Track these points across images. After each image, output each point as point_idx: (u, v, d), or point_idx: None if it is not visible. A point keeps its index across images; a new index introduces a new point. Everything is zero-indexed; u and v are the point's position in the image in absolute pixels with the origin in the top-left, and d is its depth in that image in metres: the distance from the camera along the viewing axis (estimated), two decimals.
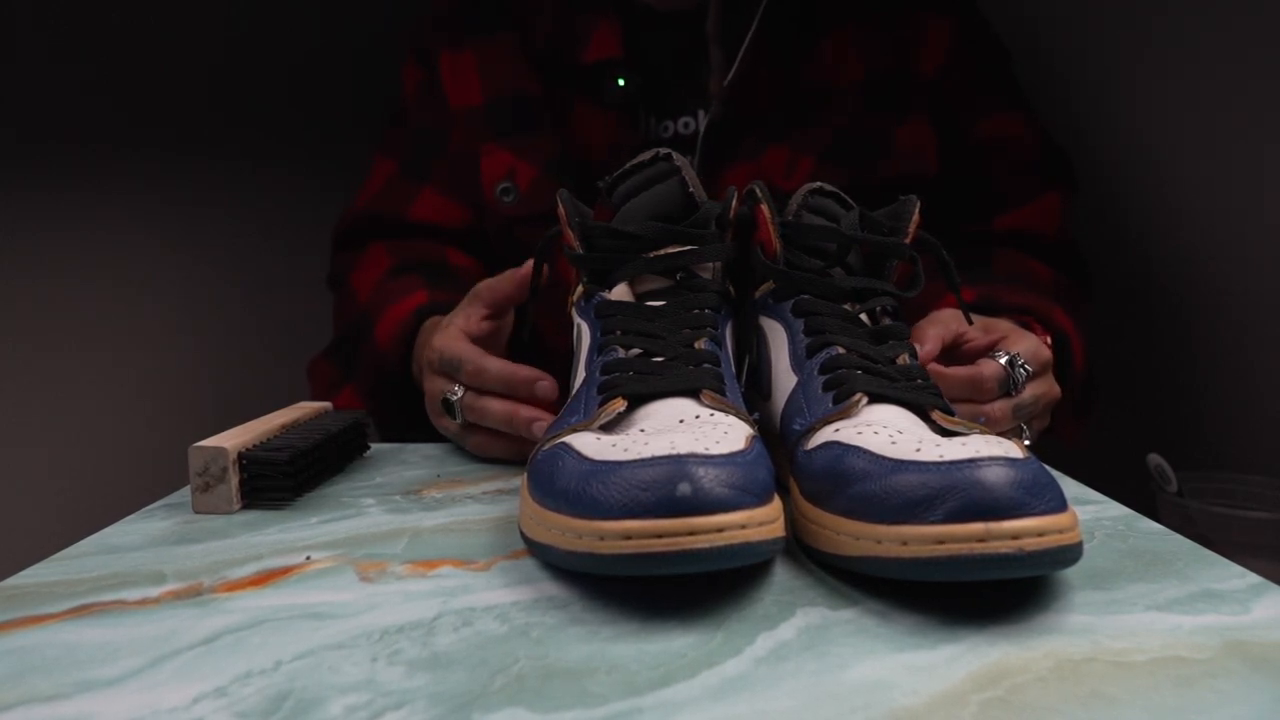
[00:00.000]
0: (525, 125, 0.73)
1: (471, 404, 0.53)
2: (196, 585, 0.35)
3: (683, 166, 0.45)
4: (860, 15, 0.72)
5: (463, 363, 0.53)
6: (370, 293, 0.72)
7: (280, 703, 0.25)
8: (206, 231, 1.16)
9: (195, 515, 0.44)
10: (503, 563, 0.37)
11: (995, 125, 0.75)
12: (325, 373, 0.74)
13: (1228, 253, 0.80)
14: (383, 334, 0.66)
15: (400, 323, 0.65)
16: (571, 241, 0.47)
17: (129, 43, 1.08)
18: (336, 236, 0.82)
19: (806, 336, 0.43)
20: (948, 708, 0.25)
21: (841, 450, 0.34)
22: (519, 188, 0.73)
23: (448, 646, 0.29)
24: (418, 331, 0.65)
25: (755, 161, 0.70)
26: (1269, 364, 0.77)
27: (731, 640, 0.29)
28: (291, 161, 1.19)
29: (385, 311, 0.67)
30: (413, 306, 0.66)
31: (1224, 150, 0.79)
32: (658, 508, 0.29)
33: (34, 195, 1.05)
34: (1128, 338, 0.91)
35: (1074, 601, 0.32)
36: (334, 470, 0.52)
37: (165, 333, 1.15)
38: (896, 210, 0.46)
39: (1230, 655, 0.28)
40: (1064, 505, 0.31)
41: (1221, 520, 0.67)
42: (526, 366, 0.52)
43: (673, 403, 0.38)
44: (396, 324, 0.66)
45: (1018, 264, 0.71)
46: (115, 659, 0.28)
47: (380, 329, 0.67)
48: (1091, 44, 0.92)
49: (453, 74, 0.76)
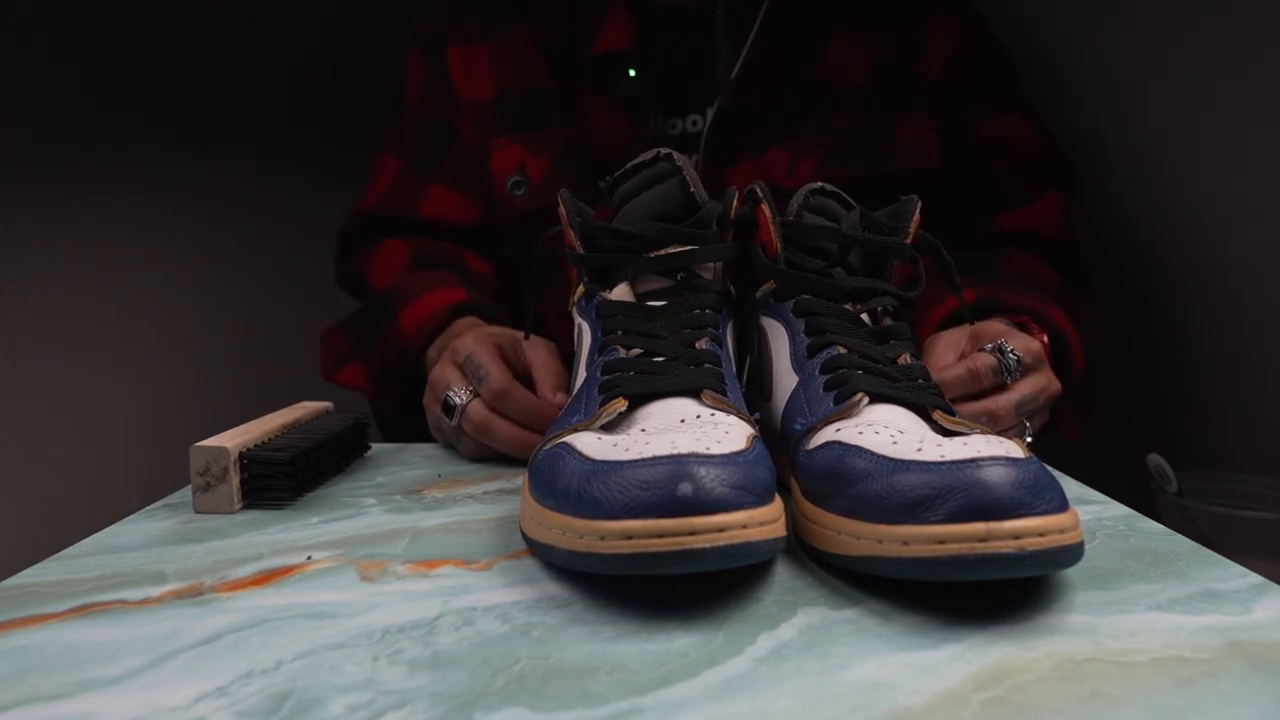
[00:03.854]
0: (536, 119, 0.73)
1: (479, 420, 0.53)
2: (197, 585, 0.35)
3: (684, 166, 0.45)
4: (864, 13, 0.72)
5: (489, 377, 0.53)
6: (393, 280, 0.71)
7: (281, 702, 0.25)
8: (207, 231, 1.16)
9: (196, 515, 0.44)
10: (504, 562, 0.37)
11: (998, 125, 0.75)
12: (337, 344, 0.73)
13: (1228, 253, 0.80)
14: (409, 320, 0.66)
15: (433, 312, 0.65)
16: (572, 241, 0.47)
17: (131, 43, 1.08)
18: (345, 236, 0.82)
19: (807, 336, 0.43)
20: (949, 707, 0.25)
21: (842, 450, 0.34)
22: (531, 181, 0.73)
23: (449, 646, 0.29)
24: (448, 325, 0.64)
25: (759, 160, 0.70)
26: (1269, 364, 0.77)
27: (732, 640, 0.29)
28: (292, 161, 1.19)
29: (417, 298, 0.67)
30: (450, 301, 0.65)
31: (1225, 150, 0.79)
32: (659, 507, 0.29)
33: (34, 195, 1.05)
34: (1128, 338, 0.91)
35: (1075, 601, 0.32)
36: (335, 470, 0.52)
37: (165, 333, 1.15)
38: (897, 210, 0.46)
39: (1231, 655, 0.28)
40: (1065, 505, 0.31)
41: (1221, 520, 0.67)
42: (551, 404, 0.52)
43: (673, 403, 0.38)
44: (428, 313, 0.65)
45: (1019, 264, 0.71)
46: (116, 659, 0.28)
47: (408, 314, 0.66)
48: (1091, 44, 0.92)
49: (463, 68, 0.76)
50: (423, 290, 0.67)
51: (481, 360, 0.54)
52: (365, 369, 0.70)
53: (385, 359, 0.68)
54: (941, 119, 0.73)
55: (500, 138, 0.74)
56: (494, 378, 0.53)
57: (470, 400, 0.54)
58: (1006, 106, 0.76)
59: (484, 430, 0.53)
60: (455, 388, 0.55)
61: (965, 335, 0.56)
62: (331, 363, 0.73)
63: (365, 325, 0.71)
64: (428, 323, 0.65)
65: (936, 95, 0.73)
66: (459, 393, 0.54)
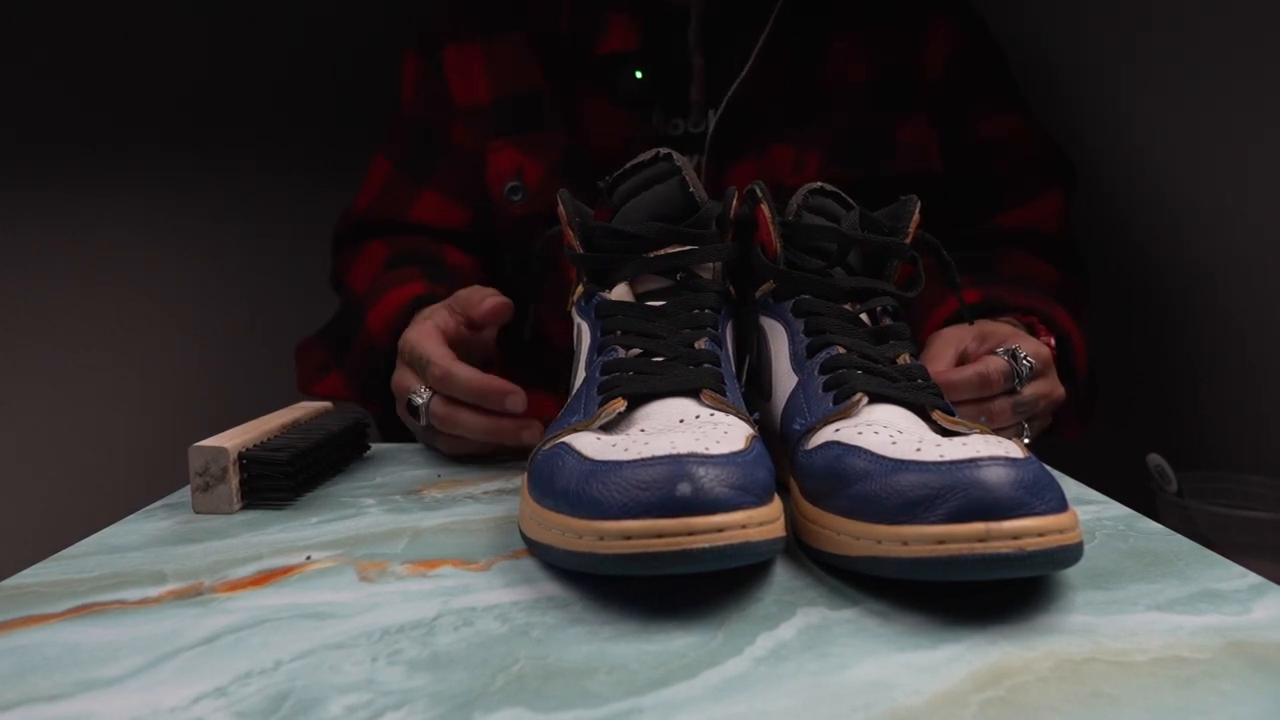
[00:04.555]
0: (533, 123, 0.73)
1: (442, 414, 0.52)
2: (197, 585, 0.35)
3: (683, 166, 0.45)
4: (867, 15, 0.72)
5: (430, 363, 0.52)
6: (367, 283, 0.71)
7: (280, 702, 0.25)
8: (207, 232, 1.16)
9: (195, 515, 0.44)
10: (503, 563, 0.37)
11: (997, 124, 0.75)
12: (315, 355, 0.73)
13: (1228, 253, 0.80)
14: (375, 321, 0.65)
15: (394, 310, 0.64)
16: (572, 241, 0.47)
17: (131, 43, 1.08)
18: (336, 238, 0.82)
19: (807, 336, 0.43)
20: (948, 707, 0.25)
21: (842, 450, 0.34)
22: (527, 186, 0.73)
23: (448, 646, 0.29)
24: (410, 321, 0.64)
25: (761, 159, 0.70)
26: (1269, 364, 0.77)
27: (732, 640, 0.29)
28: (292, 161, 1.19)
29: (381, 298, 0.66)
30: (408, 296, 0.64)
31: (1225, 150, 0.79)
32: (658, 507, 0.29)
33: (34, 195, 1.05)
34: (1128, 338, 0.91)
35: (1074, 601, 0.32)
36: (334, 470, 0.52)
37: (165, 333, 1.15)
38: (897, 210, 0.46)
39: (1231, 655, 0.28)
40: (1064, 505, 0.31)
41: (1221, 520, 0.67)
42: (497, 378, 0.51)
43: (673, 403, 0.38)
44: (390, 312, 0.64)
45: (1020, 264, 0.71)
46: (115, 659, 0.28)
47: (373, 316, 0.66)
48: (1092, 44, 0.92)
49: (458, 71, 0.76)
50: (385, 290, 0.67)
51: (422, 350, 0.53)
52: (344, 377, 0.69)
53: (359, 364, 0.67)
54: (941, 119, 0.73)
55: (496, 140, 0.74)
56: (434, 364, 0.52)
57: (431, 396, 0.53)
58: (1005, 106, 0.76)
59: (450, 423, 0.52)
60: (414, 388, 0.54)
61: (969, 334, 0.56)
62: (309, 375, 0.72)
63: (339, 333, 0.71)
64: (390, 320, 0.64)
65: (936, 95, 0.73)
66: (419, 392, 0.53)
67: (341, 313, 0.73)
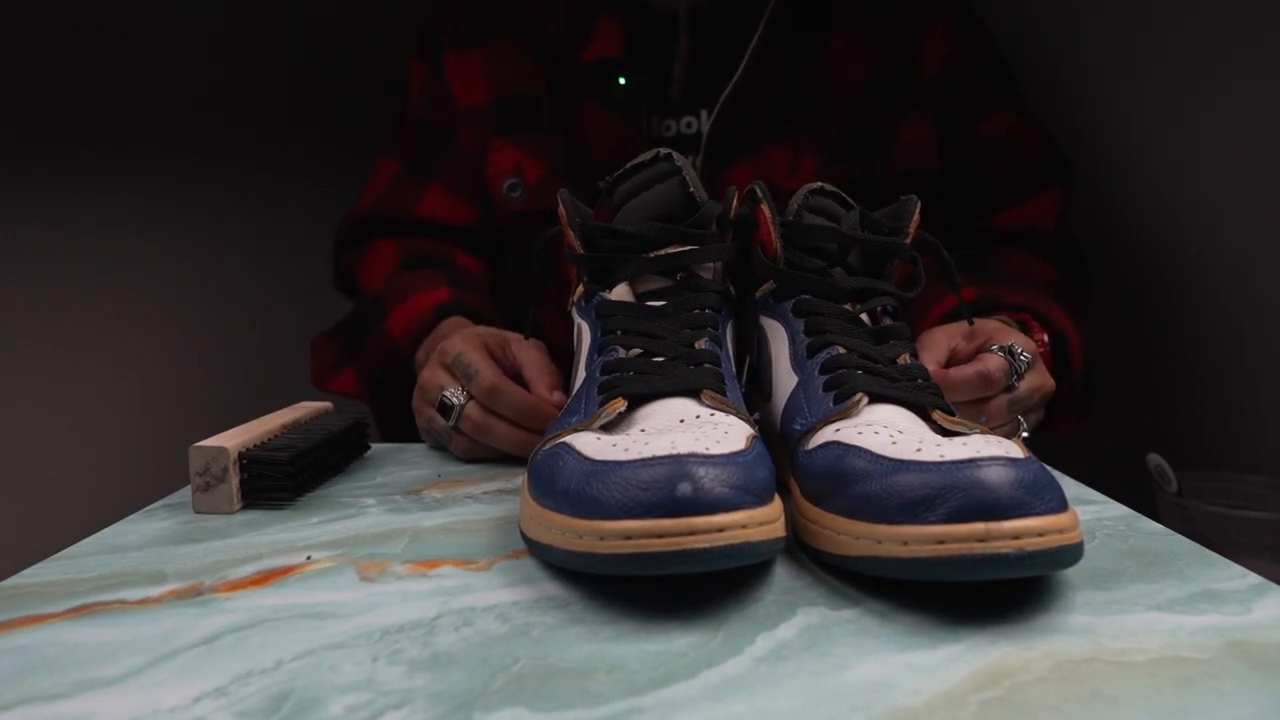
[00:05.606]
0: (531, 123, 0.73)
1: (478, 420, 0.53)
2: (197, 585, 0.35)
3: (683, 166, 0.45)
4: (864, 14, 0.72)
5: (479, 375, 0.53)
6: (382, 283, 0.71)
7: (281, 702, 0.25)
8: (207, 232, 1.16)
9: (195, 515, 0.44)
10: (503, 562, 0.37)
11: (995, 123, 0.75)
12: (329, 352, 0.73)
13: (1227, 252, 0.80)
14: (397, 323, 0.66)
15: (419, 314, 0.65)
16: (572, 242, 0.47)
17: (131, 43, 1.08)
18: (339, 237, 0.82)
19: (807, 336, 0.43)
20: (948, 707, 0.25)
21: (842, 450, 0.34)
22: (526, 184, 0.73)
23: (448, 646, 0.29)
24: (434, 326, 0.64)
25: (758, 161, 0.70)
26: (1269, 364, 0.77)
27: (732, 640, 0.29)
28: (292, 161, 1.19)
29: (405, 301, 0.67)
30: (435, 301, 0.65)
31: (1224, 150, 0.79)
32: (658, 507, 0.29)
33: (34, 195, 1.04)
34: (1128, 338, 0.91)
35: (1074, 601, 0.32)
36: (334, 470, 0.52)
37: (165, 333, 1.15)
38: (897, 210, 0.46)
39: (1231, 655, 0.28)
40: (1064, 505, 0.31)
41: (1221, 520, 0.67)
42: (545, 401, 0.52)
43: (673, 403, 0.38)
44: (415, 315, 0.65)
45: (1018, 262, 0.71)
46: (115, 659, 0.28)
47: (395, 317, 0.66)
48: (1091, 44, 0.92)
49: (459, 74, 0.76)
50: (409, 292, 0.67)
51: (470, 359, 0.54)
52: (357, 375, 0.70)
53: (376, 363, 0.68)
54: (939, 118, 0.73)
55: (497, 139, 0.74)
56: (483, 375, 0.53)
57: (468, 401, 0.54)
58: (1003, 104, 0.76)
59: (483, 430, 0.53)
60: (449, 389, 0.54)
61: (959, 331, 0.56)
62: (323, 370, 0.73)
63: (355, 330, 0.72)
64: (414, 325, 0.65)
65: (934, 93, 0.73)
66: (455, 394, 0.54)
67: (357, 310, 0.73)
